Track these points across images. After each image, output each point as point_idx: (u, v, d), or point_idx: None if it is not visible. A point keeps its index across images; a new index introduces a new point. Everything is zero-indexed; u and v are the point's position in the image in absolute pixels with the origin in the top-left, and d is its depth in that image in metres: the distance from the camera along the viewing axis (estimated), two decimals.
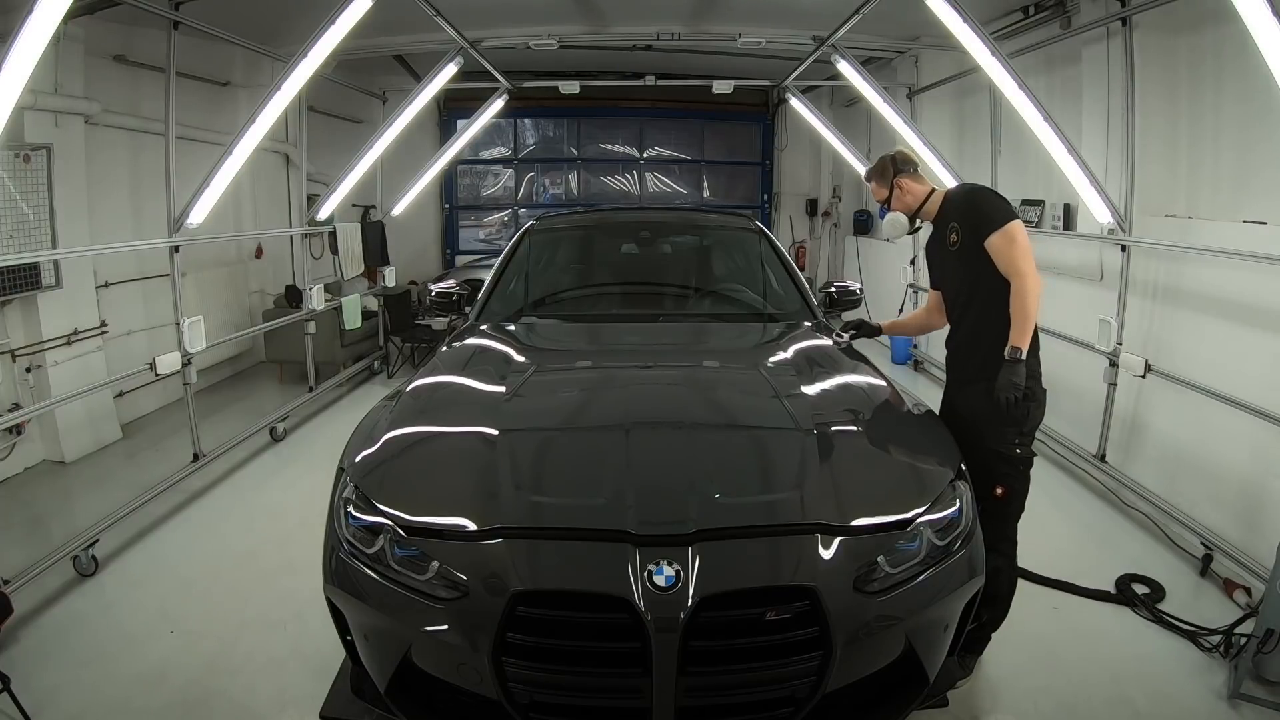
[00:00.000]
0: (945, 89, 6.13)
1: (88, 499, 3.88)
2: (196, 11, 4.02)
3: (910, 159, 2.62)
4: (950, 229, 2.45)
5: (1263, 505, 3.07)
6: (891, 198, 2.60)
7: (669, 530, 1.76)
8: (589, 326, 3.35)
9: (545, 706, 1.73)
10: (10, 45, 2.48)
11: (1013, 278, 2.28)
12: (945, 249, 2.49)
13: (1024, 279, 2.25)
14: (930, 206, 2.56)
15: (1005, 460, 2.29)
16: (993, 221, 2.31)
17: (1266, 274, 3.09)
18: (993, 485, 2.28)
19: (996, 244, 2.29)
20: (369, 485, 1.98)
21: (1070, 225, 4.57)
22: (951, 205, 2.50)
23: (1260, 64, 2.58)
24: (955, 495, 1.99)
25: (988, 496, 2.26)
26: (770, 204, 10.06)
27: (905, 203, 2.58)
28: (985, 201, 2.41)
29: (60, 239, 4.12)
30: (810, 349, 2.91)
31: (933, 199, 2.55)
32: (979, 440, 2.31)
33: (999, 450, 2.29)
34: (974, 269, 2.36)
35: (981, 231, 2.32)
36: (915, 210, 2.58)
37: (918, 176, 2.59)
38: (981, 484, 2.24)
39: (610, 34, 5.64)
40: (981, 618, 2.36)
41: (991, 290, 2.33)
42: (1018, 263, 2.27)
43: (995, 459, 2.29)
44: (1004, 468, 2.29)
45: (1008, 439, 2.30)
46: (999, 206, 2.37)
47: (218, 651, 2.63)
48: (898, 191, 2.57)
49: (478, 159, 9.89)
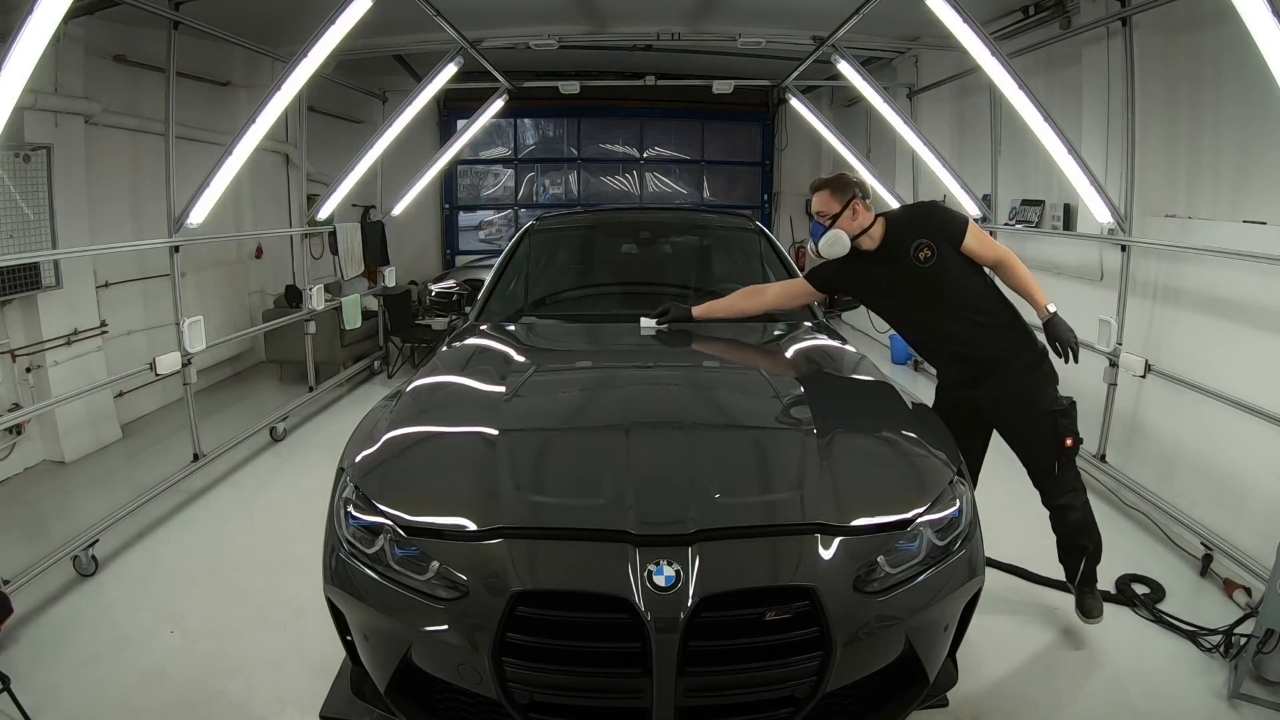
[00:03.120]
0: (945, 89, 6.13)
1: (88, 499, 3.87)
2: (196, 11, 4.02)
3: (868, 189, 2.67)
4: (918, 246, 2.53)
5: (1263, 505, 3.07)
6: (841, 215, 2.58)
7: (669, 530, 1.76)
8: (589, 326, 3.35)
9: (545, 706, 1.73)
10: (10, 45, 2.47)
11: (1000, 262, 2.58)
12: (910, 267, 2.55)
13: (1009, 257, 2.58)
14: (874, 233, 2.60)
15: (1064, 413, 2.50)
16: (958, 225, 2.53)
17: (1266, 274, 3.09)
18: (1062, 439, 2.50)
19: (973, 244, 2.53)
20: (369, 485, 1.98)
21: (1070, 225, 4.57)
22: (909, 226, 2.59)
23: (1260, 64, 2.58)
24: (955, 495, 1.99)
25: (1060, 450, 2.52)
26: (770, 204, 10.04)
27: (851, 225, 2.58)
28: (946, 213, 2.63)
29: (60, 239, 4.12)
30: (810, 349, 2.91)
31: (875, 226, 2.61)
32: (1030, 413, 2.53)
33: (1053, 410, 2.50)
34: (955, 275, 2.54)
35: (955, 238, 2.52)
36: (856, 235, 2.59)
37: (869, 204, 2.63)
38: (1050, 445, 2.52)
39: (610, 34, 5.63)
40: (1087, 548, 2.63)
41: (976, 291, 2.57)
42: (998, 249, 2.59)
43: (1054, 418, 2.50)
44: (1064, 419, 2.50)
45: (1055, 396, 2.54)
46: (953, 212, 2.63)
47: (218, 651, 2.63)
48: (849, 212, 2.58)
49: (478, 159, 9.87)
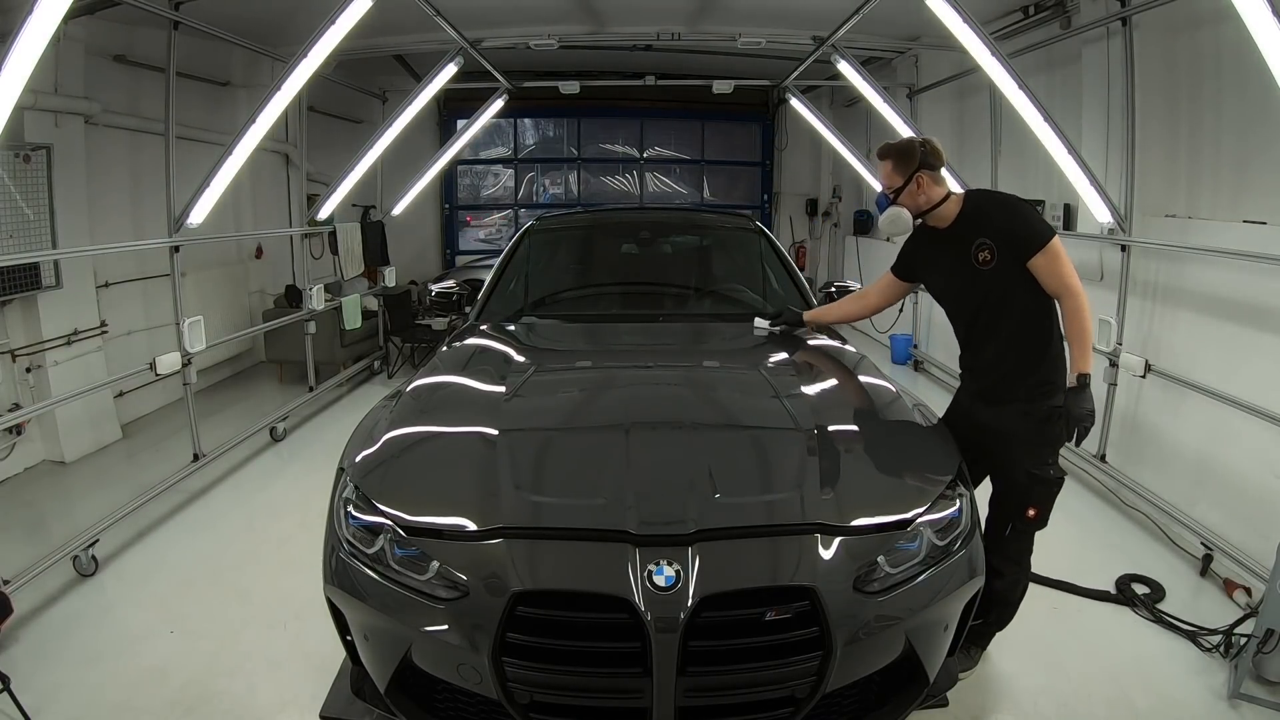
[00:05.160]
0: (945, 89, 6.13)
1: (88, 499, 3.87)
2: (196, 11, 4.02)
3: (940, 155, 2.29)
4: (979, 245, 2.21)
5: (1263, 505, 3.07)
6: (904, 190, 2.28)
7: (669, 530, 1.76)
8: (589, 326, 3.35)
9: (545, 706, 1.73)
10: (10, 45, 2.47)
11: (1063, 297, 2.17)
12: (967, 265, 2.24)
13: (1076, 297, 2.15)
14: (944, 212, 2.29)
15: (1042, 482, 2.18)
16: (1035, 240, 2.15)
17: (1266, 274, 3.10)
18: (1026, 506, 2.21)
19: (1042, 264, 2.15)
20: (369, 485, 1.98)
21: (1070, 225, 4.57)
22: (979, 218, 2.25)
23: (1260, 64, 2.58)
24: (955, 495, 1.99)
25: (1019, 516, 2.23)
26: (770, 204, 10.04)
27: (917, 201, 2.29)
28: (1025, 218, 2.21)
29: (60, 239, 4.12)
30: (810, 349, 2.91)
31: (947, 205, 2.28)
32: (1015, 462, 2.24)
33: (1035, 473, 2.18)
34: (1007, 288, 2.21)
35: (1024, 252, 2.16)
36: (923, 212, 2.30)
37: (939, 177, 2.29)
38: (1015, 505, 2.24)
39: (610, 34, 5.63)
40: (989, 616, 2.35)
41: (1026, 310, 2.22)
42: (1067, 281, 2.15)
43: (1032, 481, 2.19)
44: (1040, 489, 2.19)
45: (1046, 460, 2.22)
46: (1039, 222, 2.21)
47: (218, 651, 2.63)
48: (913, 186, 2.27)
49: (478, 159, 9.87)
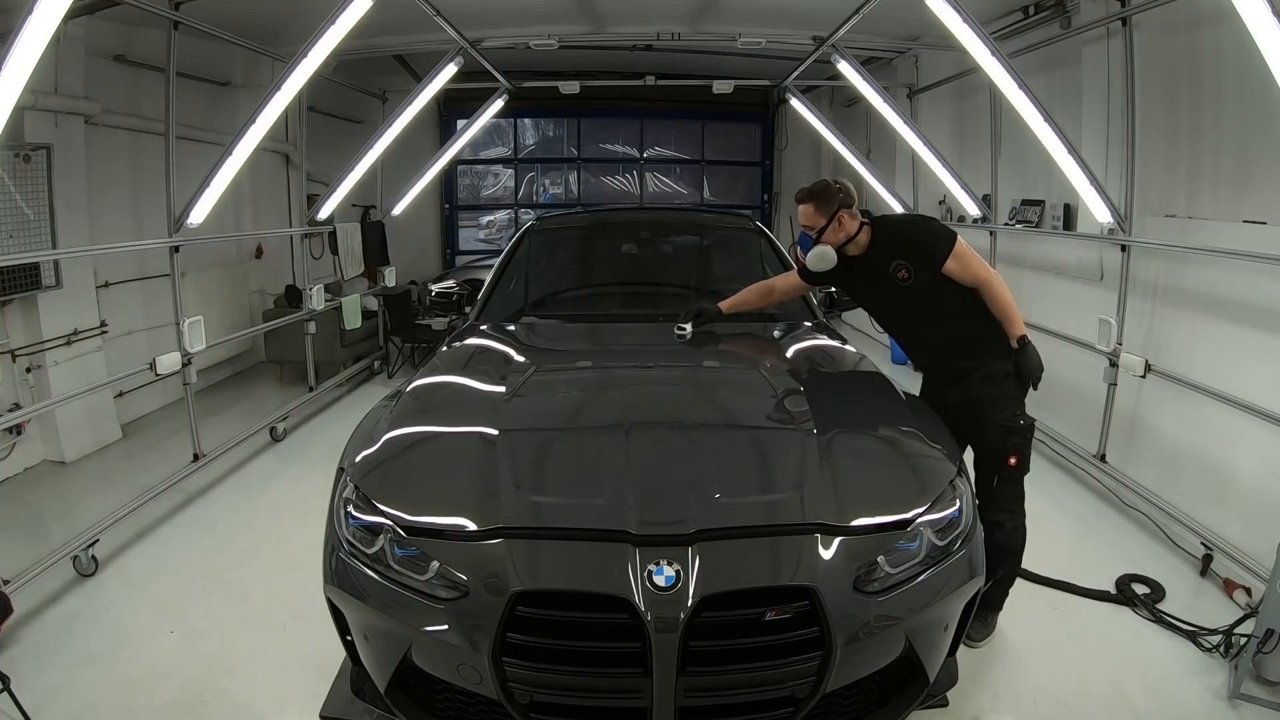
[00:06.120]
0: (945, 89, 6.12)
1: (88, 499, 3.87)
2: (196, 11, 4.01)
3: (853, 195, 2.59)
4: (896, 266, 2.50)
5: (1263, 505, 3.06)
6: (827, 228, 2.55)
7: (669, 530, 1.76)
8: (589, 326, 3.35)
9: (545, 706, 1.73)
10: (10, 45, 2.47)
11: (980, 288, 2.48)
12: (890, 283, 2.53)
13: (990, 283, 2.47)
14: (860, 240, 2.57)
15: (1015, 431, 2.41)
16: (941, 249, 2.45)
17: (1266, 274, 3.09)
18: (1007, 456, 2.43)
19: (954, 268, 2.45)
20: (369, 485, 1.98)
21: (1070, 225, 4.56)
22: (890, 242, 2.55)
23: (1260, 64, 2.58)
24: (955, 495, 2.00)
25: (1002, 467, 2.45)
26: (770, 204, 10.04)
27: (838, 236, 2.56)
28: (927, 232, 2.53)
29: (60, 239, 4.12)
30: (810, 349, 2.91)
31: (861, 234, 2.57)
32: (986, 421, 2.47)
33: (1007, 425, 2.42)
34: (930, 296, 2.50)
35: (934, 262, 2.45)
36: (842, 245, 2.57)
37: (853, 213, 2.57)
38: (996, 458, 2.46)
39: (610, 34, 5.62)
40: (998, 573, 2.50)
41: (952, 306, 2.50)
42: (979, 273, 2.47)
43: (1005, 433, 2.42)
44: (1015, 438, 2.42)
45: (1014, 412, 2.47)
46: (940, 233, 2.51)
47: (218, 651, 2.63)
48: (835, 224, 2.54)
49: (478, 159, 9.87)
